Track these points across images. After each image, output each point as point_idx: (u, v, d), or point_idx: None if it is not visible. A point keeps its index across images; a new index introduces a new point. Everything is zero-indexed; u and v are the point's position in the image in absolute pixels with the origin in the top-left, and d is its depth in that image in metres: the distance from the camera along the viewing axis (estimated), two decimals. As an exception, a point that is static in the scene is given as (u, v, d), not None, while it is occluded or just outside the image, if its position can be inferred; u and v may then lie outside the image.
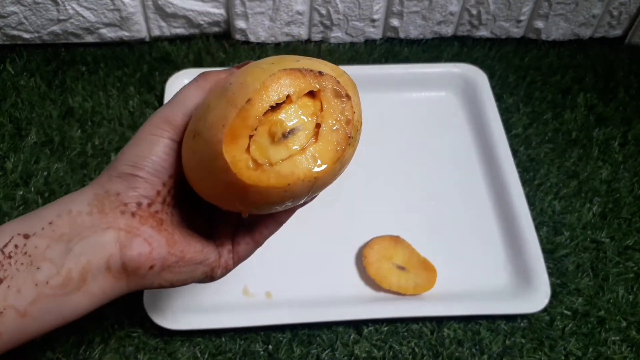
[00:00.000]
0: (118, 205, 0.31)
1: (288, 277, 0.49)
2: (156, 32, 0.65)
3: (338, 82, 0.31)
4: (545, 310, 0.48)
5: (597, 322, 0.48)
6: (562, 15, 0.66)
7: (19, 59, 0.63)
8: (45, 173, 0.54)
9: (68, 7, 0.60)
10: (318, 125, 0.30)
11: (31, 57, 0.63)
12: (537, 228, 0.53)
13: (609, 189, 0.57)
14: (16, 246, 0.30)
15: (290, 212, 0.37)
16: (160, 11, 0.63)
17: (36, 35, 0.63)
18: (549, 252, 0.52)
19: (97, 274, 0.30)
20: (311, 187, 0.31)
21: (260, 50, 0.66)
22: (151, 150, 0.32)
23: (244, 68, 0.32)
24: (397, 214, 0.53)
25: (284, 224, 0.38)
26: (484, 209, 0.54)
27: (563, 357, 0.47)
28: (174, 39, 0.66)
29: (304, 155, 0.30)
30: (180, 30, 0.66)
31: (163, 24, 0.65)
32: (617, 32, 0.69)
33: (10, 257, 0.29)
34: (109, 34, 0.64)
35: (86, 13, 0.61)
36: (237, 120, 0.29)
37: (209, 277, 0.36)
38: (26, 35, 0.63)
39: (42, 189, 0.53)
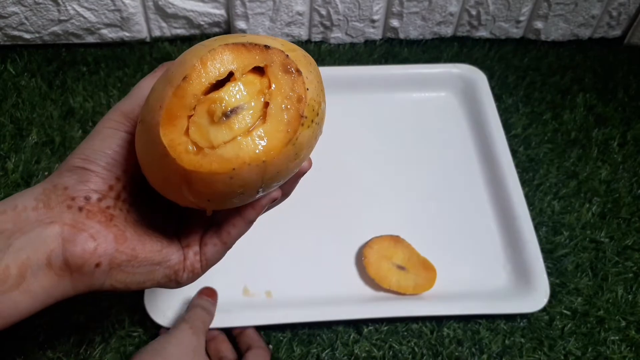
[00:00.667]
0: (65, 200, 0.30)
1: (288, 276, 0.49)
2: (157, 33, 0.66)
3: (287, 56, 0.28)
4: (544, 309, 0.49)
5: (596, 321, 0.49)
6: (562, 16, 0.67)
7: (20, 60, 0.63)
8: (46, 173, 0.54)
9: (69, 7, 0.61)
10: (266, 105, 0.27)
11: (32, 58, 0.63)
12: (537, 228, 0.53)
13: (608, 189, 0.57)
14: None
15: (256, 207, 0.33)
16: (161, 12, 0.63)
17: (37, 35, 0.63)
18: (549, 252, 0.52)
19: (37, 270, 0.28)
20: (262, 174, 0.28)
21: (261, 50, 0.66)
22: (105, 144, 0.31)
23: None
24: (397, 214, 0.53)
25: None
26: (484, 209, 0.54)
27: (562, 357, 0.47)
28: (174, 40, 0.67)
29: (249, 137, 0.27)
30: (180, 31, 0.66)
31: (164, 24, 0.65)
32: (617, 32, 0.70)
33: None
34: (109, 34, 0.64)
35: (87, 13, 0.61)
36: (173, 99, 0.27)
37: (174, 280, 0.33)
38: (27, 36, 0.63)
39: (43, 189, 0.53)
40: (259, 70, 0.28)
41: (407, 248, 0.50)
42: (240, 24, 0.65)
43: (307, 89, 0.28)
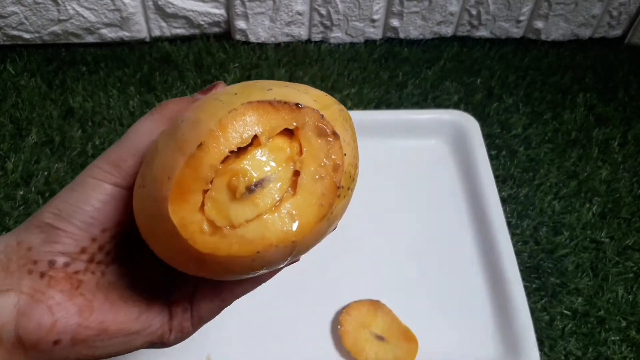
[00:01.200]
0: (26, 263, 0.26)
1: (255, 347, 0.45)
2: (156, 33, 0.65)
3: (322, 116, 0.23)
4: (545, 310, 0.48)
5: (596, 322, 0.49)
6: (562, 16, 0.66)
7: (20, 59, 0.63)
8: (46, 173, 0.54)
9: (68, 7, 0.60)
10: (297, 174, 0.23)
11: (32, 57, 0.63)
12: (537, 228, 0.53)
13: (608, 189, 0.57)
14: None
15: (273, 273, 0.29)
16: (161, 11, 0.63)
17: (37, 35, 0.63)
18: (549, 252, 0.52)
19: None
20: (290, 253, 0.24)
21: (261, 50, 0.66)
22: (84, 197, 0.26)
23: (201, 100, 0.25)
24: (378, 275, 0.49)
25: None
26: (472, 272, 0.49)
27: (563, 357, 0.47)
28: (174, 40, 0.66)
29: (277, 214, 0.23)
30: (180, 31, 0.66)
31: (163, 24, 0.65)
32: (617, 32, 0.69)
33: None
34: (109, 34, 0.64)
35: (86, 13, 0.61)
36: (185, 170, 0.22)
37: (159, 344, 0.29)
38: (27, 36, 0.63)
39: (43, 189, 0.53)
40: (288, 132, 0.24)
41: (388, 315, 0.46)
42: (240, 24, 0.65)
43: (345, 155, 0.24)
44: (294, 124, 0.23)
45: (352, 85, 0.64)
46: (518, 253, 0.50)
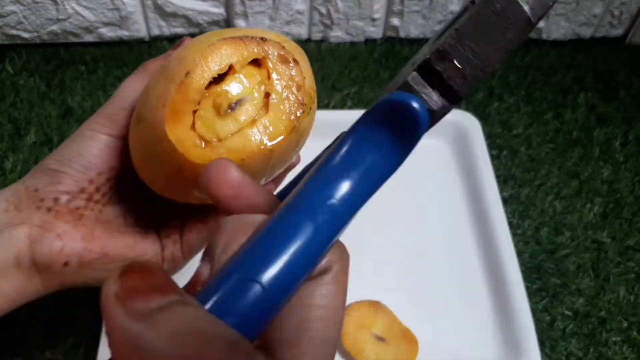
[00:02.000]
0: (34, 201, 0.30)
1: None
2: (156, 32, 0.65)
3: (283, 47, 0.29)
4: (546, 310, 0.48)
5: (598, 322, 0.48)
6: (563, 15, 0.66)
7: (18, 59, 0.63)
8: (45, 173, 0.54)
9: (67, 6, 0.60)
10: (267, 95, 0.28)
11: (30, 57, 0.63)
12: (538, 228, 0.53)
13: (610, 189, 0.56)
14: None
15: None
16: (160, 10, 0.63)
17: (35, 34, 0.63)
18: (550, 252, 0.52)
19: (6, 271, 0.29)
20: (268, 162, 0.29)
21: (260, 49, 0.66)
22: (82, 146, 0.31)
23: (182, 45, 0.30)
24: (378, 276, 0.49)
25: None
26: (473, 272, 0.49)
27: (564, 358, 0.47)
28: (173, 39, 0.66)
29: (255, 128, 0.28)
30: (180, 30, 0.66)
31: (162, 23, 0.64)
32: (618, 31, 0.69)
33: None
34: (108, 33, 0.64)
35: (85, 12, 0.61)
36: (177, 96, 0.27)
37: None
38: (25, 35, 0.63)
39: (42, 189, 0.53)
40: (257, 62, 0.29)
41: (388, 316, 0.46)
42: (240, 23, 0.64)
43: (305, 77, 0.29)
44: (262, 54, 0.28)
45: (353, 84, 0.63)
46: (519, 253, 0.50)
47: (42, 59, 0.63)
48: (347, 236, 0.50)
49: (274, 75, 0.28)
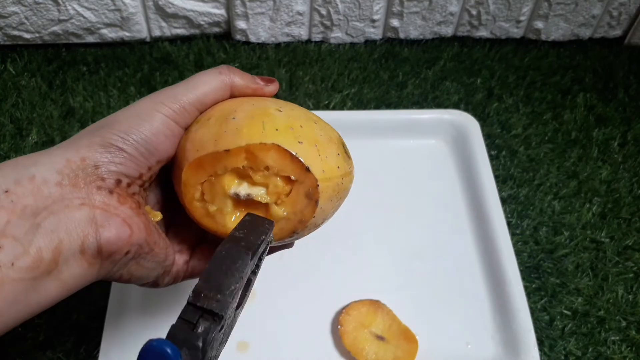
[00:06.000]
0: (95, 180, 0.27)
1: (255, 346, 0.45)
2: (157, 33, 0.66)
3: (317, 186, 0.29)
4: (544, 310, 0.48)
5: (596, 322, 0.49)
6: (562, 16, 0.67)
7: (20, 59, 0.63)
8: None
9: (69, 7, 0.61)
10: (276, 203, 0.30)
11: (32, 57, 0.63)
12: (537, 228, 0.53)
13: (608, 189, 0.57)
14: None
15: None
16: (161, 11, 0.63)
17: (37, 35, 0.63)
18: (549, 252, 0.52)
19: (70, 257, 0.26)
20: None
21: (261, 50, 0.67)
22: (154, 130, 0.29)
23: (256, 106, 0.31)
24: (378, 275, 0.49)
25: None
26: (472, 272, 0.49)
27: (563, 357, 0.47)
28: (174, 40, 0.66)
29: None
30: (180, 31, 0.66)
31: (164, 24, 0.65)
32: (617, 32, 0.69)
33: None
34: (109, 34, 0.64)
35: (87, 13, 0.61)
36: (208, 157, 0.29)
37: (155, 283, 0.32)
38: (27, 36, 0.63)
39: (43, 189, 0.53)
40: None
41: (388, 315, 0.46)
42: (241, 24, 0.65)
43: (314, 217, 0.30)
44: (295, 178, 0.29)
45: (352, 85, 0.64)
46: (518, 253, 0.50)
47: (43, 59, 0.63)
48: (348, 236, 0.50)
49: (291, 198, 0.30)
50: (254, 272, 0.30)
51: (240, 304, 0.29)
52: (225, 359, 0.44)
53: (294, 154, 0.29)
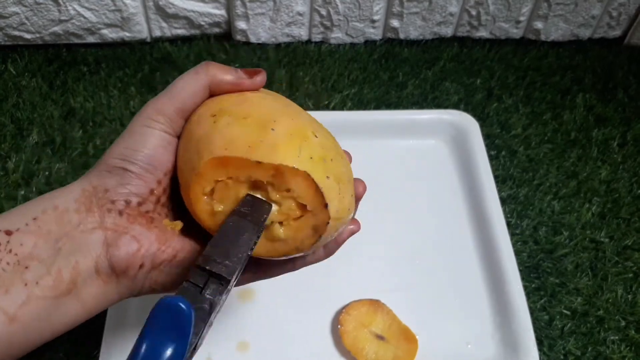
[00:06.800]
0: (105, 203, 0.29)
1: (256, 345, 0.45)
2: (157, 33, 0.66)
3: (327, 223, 0.29)
4: (544, 309, 0.49)
5: (596, 321, 0.49)
6: (562, 16, 0.67)
7: (21, 60, 0.63)
8: (47, 173, 0.54)
9: (69, 7, 0.61)
10: (280, 224, 0.30)
11: (33, 58, 0.63)
12: (536, 228, 0.53)
13: (608, 189, 0.57)
14: None
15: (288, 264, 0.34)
16: (162, 12, 0.63)
17: (37, 35, 0.63)
18: (548, 252, 0.52)
19: (87, 277, 0.28)
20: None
21: (261, 50, 0.67)
22: (143, 143, 0.30)
23: (295, 119, 0.30)
24: (378, 275, 0.49)
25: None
26: (472, 271, 0.49)
27: (562, 357, 0.47)
28: (175, 40, 0.67)
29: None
30: (181, 31, 0.66)
31: (164, 24, 0.65)
32: (616, 32, 0.70)
33: None
34: (110, 34, 0.64)
35: (87, 14, 0.62)
36: (237, 160, 0.28)
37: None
38: (28, 36, 0.63)
39: (44, 189, 0.53)
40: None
41: (388, 314, 0.46)
42: (241, 24, 0.65)
43: (310, 249, 0.30)
44: (311, 209, 0.29)
45: (352, 85, 0.64)
46: (517, 253, 0.51)
47: (44, 60, 0.63)
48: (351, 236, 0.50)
49: (297, 226, 0.30)
50: (251, 249, 0.30)
51: (237, 279, 0.29)
52: (225, 359, 0.45)
53: (320, 187, 0.29)
